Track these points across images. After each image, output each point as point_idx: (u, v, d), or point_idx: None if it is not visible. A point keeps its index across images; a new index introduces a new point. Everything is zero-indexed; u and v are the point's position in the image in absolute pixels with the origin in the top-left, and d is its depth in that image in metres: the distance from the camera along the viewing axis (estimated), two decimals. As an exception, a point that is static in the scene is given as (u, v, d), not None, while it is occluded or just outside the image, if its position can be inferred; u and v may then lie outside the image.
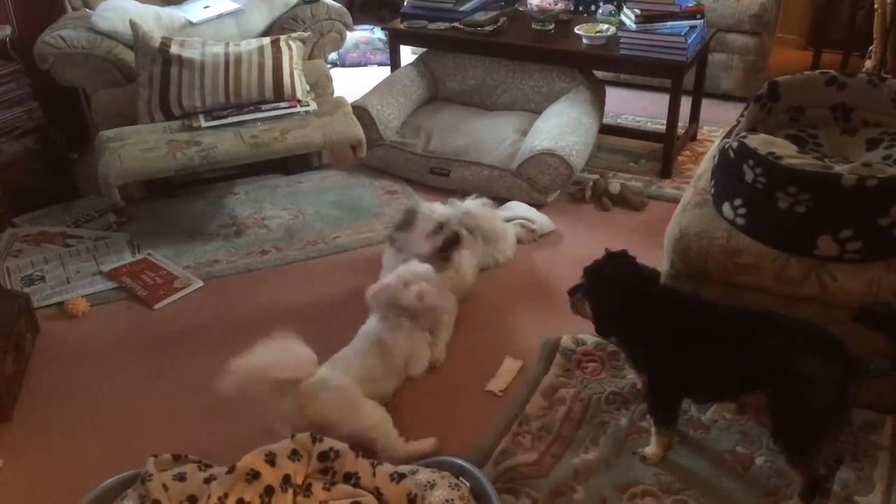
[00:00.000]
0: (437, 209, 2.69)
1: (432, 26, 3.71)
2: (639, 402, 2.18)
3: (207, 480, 1.62)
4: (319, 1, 3.54)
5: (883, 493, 1.90)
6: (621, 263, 1.98)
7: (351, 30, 3.70)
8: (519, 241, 3.00)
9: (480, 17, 3.67)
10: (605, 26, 3.45)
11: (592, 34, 3.41)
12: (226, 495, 1.55)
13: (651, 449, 2.03)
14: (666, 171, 3.45)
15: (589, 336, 2.44)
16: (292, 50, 3.23)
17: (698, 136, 3.80)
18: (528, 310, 2.65)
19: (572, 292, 2.05)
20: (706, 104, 3.80)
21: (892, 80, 2.39)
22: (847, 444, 2.02)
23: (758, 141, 2.10)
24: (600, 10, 3.68)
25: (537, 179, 3.15)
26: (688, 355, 1.89)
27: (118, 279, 2.84)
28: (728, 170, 2.16)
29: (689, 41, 3.21)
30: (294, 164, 3.54)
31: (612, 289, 1.95)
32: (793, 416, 1.79)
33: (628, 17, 3.35)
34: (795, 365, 1.75)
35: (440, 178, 3.34)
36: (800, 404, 1.76)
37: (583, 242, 2.98)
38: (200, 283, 2.82)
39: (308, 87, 3.28)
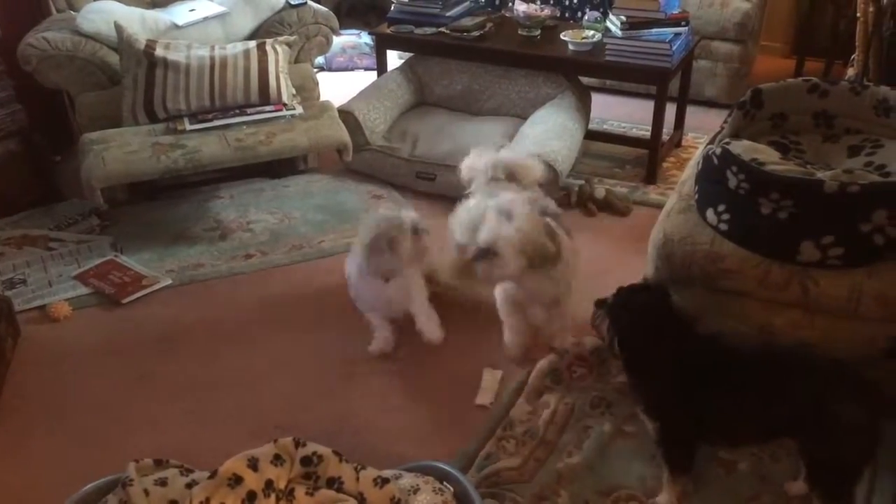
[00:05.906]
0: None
1: (419, 31, 3.71)
2: (623, 408, 2.18)
3: (189, 485, 1.60)
4: (306, 5, 3.54)
5: (864, 499, 1.91)
6: (655, 297, 1.87)
7: (337, 34, 3.70)
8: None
9: (467, 22, 3.67)
10: (591, 32, 3.47)
11: (578, 40, 3.42)
12: (207, 500, 1.53)
13: (664, 498, 1.92)
14: (651, 177, 3.46)
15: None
16: (278, 53, 3.22)
17: (683, 143, 3.82)
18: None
19: (599, 304, 1.95)
20: (691, 111, 3.82)
21: (873, 87, 2.41)
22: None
23: (741, 147, 2.11)
24: (586, 17, 3.70)
25: (523, 184, 3.15)
26: (707, 401, 1.79)
27: (86, 282, 2.82)
28: (711, 176, 2.17)
29: (674, 48, 3.23)
30: (280, 167, 3.53)
31: (635, 319, 1.84)
32: (830, 463, 1.71)
33: (614, 23, 3.36)
34: (830, 410, 1.66)
35: (426, 182, 3.34)
36: (837, 451, 1.68)
37: (568, 247, 2.98)
38: (169, 281, 2.82)
39: (294, 91, 3.27)
